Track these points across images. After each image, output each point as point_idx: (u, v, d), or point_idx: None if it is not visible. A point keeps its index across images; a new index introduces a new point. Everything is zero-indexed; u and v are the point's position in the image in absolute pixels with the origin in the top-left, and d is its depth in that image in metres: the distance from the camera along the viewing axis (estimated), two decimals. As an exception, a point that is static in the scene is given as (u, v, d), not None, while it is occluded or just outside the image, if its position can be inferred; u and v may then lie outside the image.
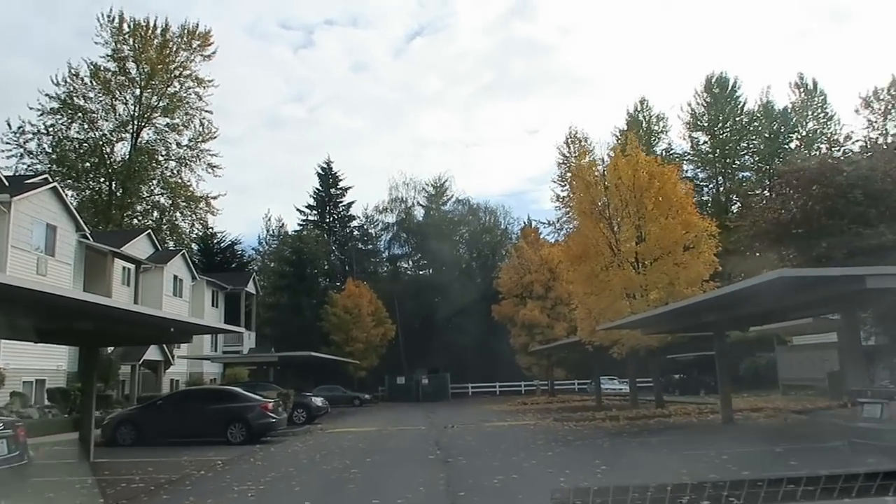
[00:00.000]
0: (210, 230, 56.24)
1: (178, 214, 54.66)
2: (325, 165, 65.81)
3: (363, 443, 18.18)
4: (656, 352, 24.04)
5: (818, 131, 59.47)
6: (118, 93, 51.68)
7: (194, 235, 55.90)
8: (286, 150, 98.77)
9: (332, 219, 66.56)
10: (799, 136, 60.09)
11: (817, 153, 61.64)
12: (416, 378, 49.79)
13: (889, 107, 55.18)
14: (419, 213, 62.66)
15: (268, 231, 66.48)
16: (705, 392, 38.04)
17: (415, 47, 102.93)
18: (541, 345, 36.98)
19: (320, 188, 66.11)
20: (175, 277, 38.60)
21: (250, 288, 47.77)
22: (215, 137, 54.03)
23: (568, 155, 60.95)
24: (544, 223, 56.57)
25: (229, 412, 18.71)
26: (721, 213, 42.63)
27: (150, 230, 39.91)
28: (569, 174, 59.75)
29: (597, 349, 24.87)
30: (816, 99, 61.01)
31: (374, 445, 17.49)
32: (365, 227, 65.83)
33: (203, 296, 42.40)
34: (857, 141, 28.80)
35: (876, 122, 52.96)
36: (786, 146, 58.34)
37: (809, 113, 60.97)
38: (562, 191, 61.24)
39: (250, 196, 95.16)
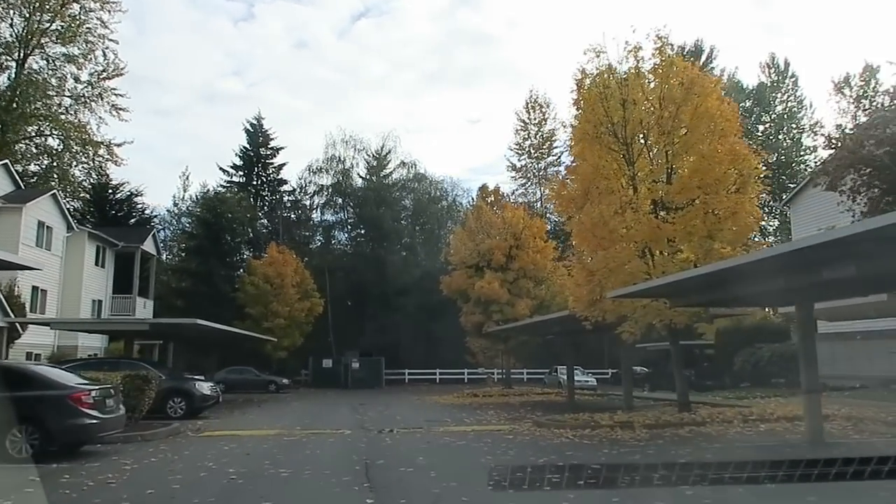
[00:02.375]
0: (107, 179, 46.47)
1: (71, 160, 44.90)
2: (255, 122, 56.69)
3: (240, 464, 10.31)
4: (680, 331, 16.92)
5: (789, 115, 54.37)
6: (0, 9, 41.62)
7: (88, 185, 46.17)
8: (223, 126, 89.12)
9: (260, 181, 57.51)
10: (770, 118, 54.84)
11: (785, 138, 57.33)
12: (345, 361, 41.87)
13: (861, 94, 50.27)
14: (358, 175, 54.29)
15: (185, 191, 57.08)
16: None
17: (360, 29, 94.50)
18: (498, 325, 29.65)
19: (248, 147, 56.90)
20: (41, 224, 29.54)
21: (148, 247, 38.74)
22: (122, 74, 44.49)
23: (528, 121, 54.15)
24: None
25: (13, 406, 10.48)
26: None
27: (6, 161, 30.48)
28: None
29: (597, 328, 17.58)
30: (787, 81, 55.94)
31: (255, 471, 9.67)
32: (297, 193, 57.07)
33: (83, 251, 33.33)
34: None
35: (847, 108, 47.81)
36: (756, 127, 52.99)
37: (779, 96, 55.87)
38: (519, 160, 54.59)
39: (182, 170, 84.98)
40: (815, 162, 37.78)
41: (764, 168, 16.68)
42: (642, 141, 16.55)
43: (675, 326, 16.34)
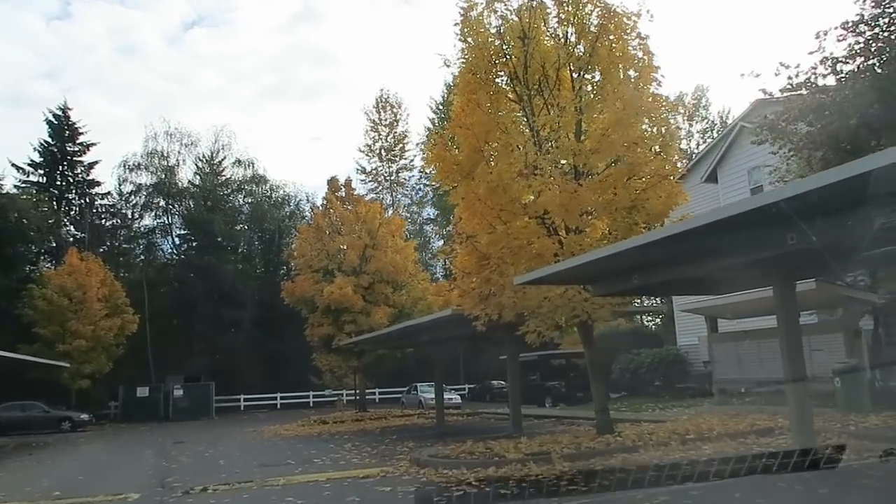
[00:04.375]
0: None
1: None
2: (60, 112, 47.34)
3: None
4: (590, 330, 13.11)
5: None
6: None
7: None
8: (33, 133, 76.44)
9: (66, 183, 48.15)
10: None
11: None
12: (165, 389, 34.69)
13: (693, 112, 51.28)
14: (185, 174, 46.76)
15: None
16: (553, 401, 28.68)
17: (193, 38, 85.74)
18: (351, 337, 24.72)
19: (51, 141, 47.47)
20: None
21: None
22: None
23: (378, 122, 49.86)
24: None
25: None
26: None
27: None
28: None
29: (494, 329, 13.35)
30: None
31: None
32: (114, 197, 48.24)
33: None
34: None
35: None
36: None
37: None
38: (369, 163, 50.03)
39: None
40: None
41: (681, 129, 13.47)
42: (545, 87, 12.66)
43: (590, 323, 12.53)
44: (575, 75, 12.66)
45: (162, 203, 45.37)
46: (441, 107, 45.10)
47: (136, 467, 13.95)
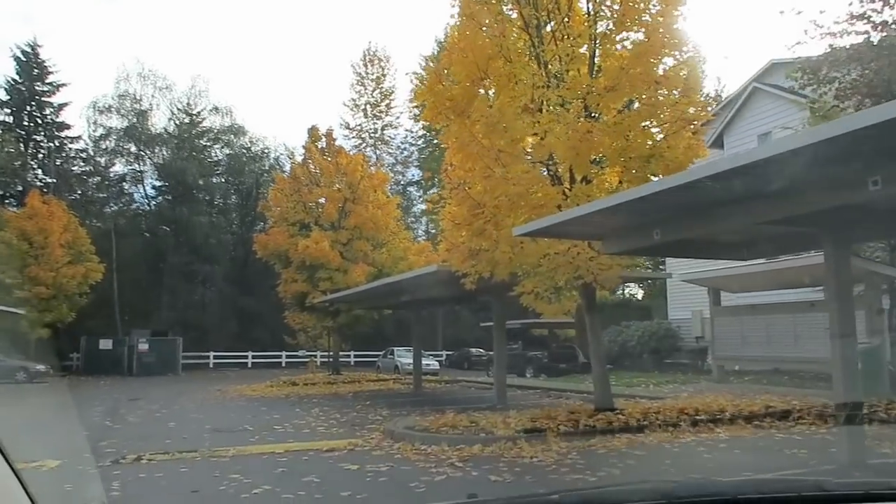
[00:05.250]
0: None
1: None
2: (29, 49, 44.41)
3: None
4: (592, 295, 11.55)
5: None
6: None
7: None
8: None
9: (34, 124, 45.42)
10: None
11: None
12: (130, 343, 32.87)
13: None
14: (159, 120, 44.18)
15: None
16: (534, 372, 27.41)
17: None
18: (326, 294, 23.01)
19: (18, 79, 44.61)
20: None
21: None
22: None
23: (365, 76, 47.56)
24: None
25: None
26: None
27: None
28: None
29: (484, 289, 11.77)
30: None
31: None
32: (88, 146, 45.57)
33: None
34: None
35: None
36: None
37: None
38: (353, 118, 47.77)
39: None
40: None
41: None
42: (556, 13, 10.88)
43: (594, 286, 10.98)
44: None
45: (133, 149, 42.93)
46: (433, 63, 42.96)
47: (74, 427, 12.26)
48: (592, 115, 10.64)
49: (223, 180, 45.08)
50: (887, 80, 9.65)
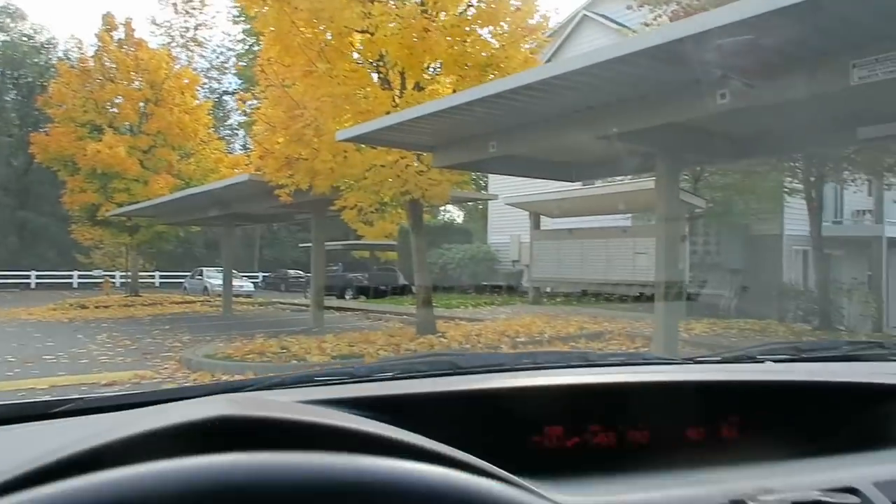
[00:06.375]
0: None
1: None
2: None
3: None
4: (420, 213, 10.76)
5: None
6: None
7: None
8: None
9: None
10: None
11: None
12: None
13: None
14: None
15: None
16: (354, 294, 26.79)
17: None
18: (120, 207, 20.12)
19: None
20: None
21: None
22: None
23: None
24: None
25: None
26: None
27: None
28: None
29: (302, 203, 10.45)
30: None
31: None
32: None
33: None
34: None
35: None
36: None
37: None
38: (162, 12, 42.02)
39: None
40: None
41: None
42: None
43: (422, 202, 10.17)
44: None
45: None
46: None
47: None
48: (430, 13, 9.56)
49: (-5, 73, 38.05)
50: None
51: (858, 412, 0.99)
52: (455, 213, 34.99)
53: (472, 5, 9.69)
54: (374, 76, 9.90)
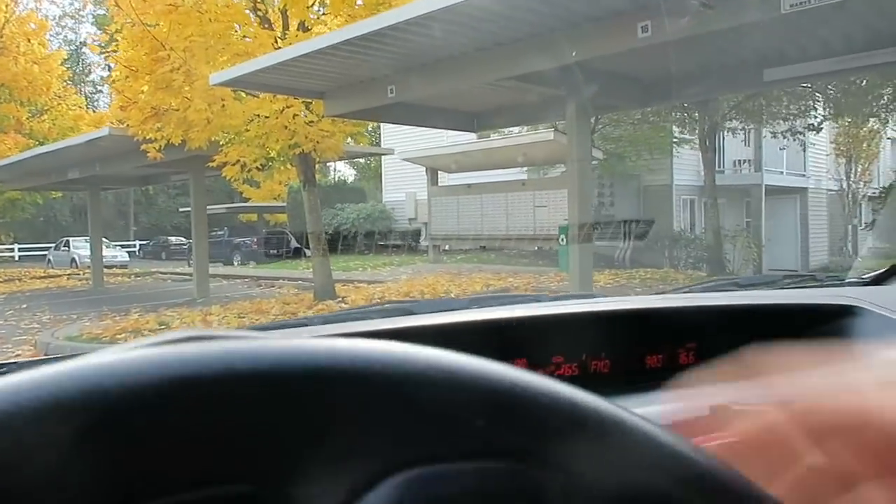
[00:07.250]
0: None
1: None
2: None
3: None
4: (311, 168, 9.79)
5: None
6: None
7: None
8: None
9: None
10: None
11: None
12: None
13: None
14: None
15: None
16: (242, 259, 25.38)
17: None
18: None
19: None
20: None
21: None
22: None
23: None
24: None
25: None
26: None
27: None
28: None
29: (176, 161, 9.18)
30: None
31: None
32: None
33: None
34: None
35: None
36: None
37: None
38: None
39: None
40: None
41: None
42: None
43: (313, 157, 9.22)
44: None
45: None
46: None
47: None
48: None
49: None
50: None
51: (811, 329, 0.97)
52: (347, 172, 33.79)
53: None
54: (252, 15, 8.75)
